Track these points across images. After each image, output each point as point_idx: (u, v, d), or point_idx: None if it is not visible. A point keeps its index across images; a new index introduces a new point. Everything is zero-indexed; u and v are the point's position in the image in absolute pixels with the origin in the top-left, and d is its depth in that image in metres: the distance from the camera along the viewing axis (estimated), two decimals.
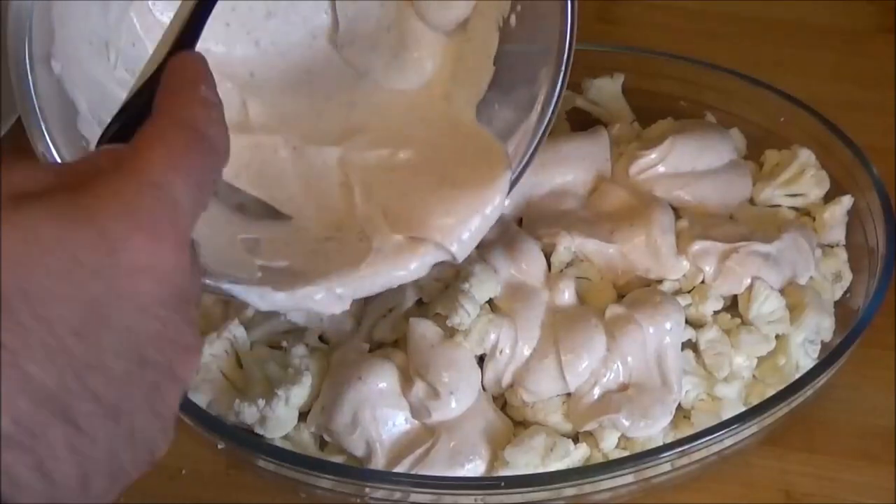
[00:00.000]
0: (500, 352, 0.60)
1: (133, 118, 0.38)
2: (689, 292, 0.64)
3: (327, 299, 0.53)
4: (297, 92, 0.61)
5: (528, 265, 0.63)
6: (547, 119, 0.57)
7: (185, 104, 0.36)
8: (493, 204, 0.55)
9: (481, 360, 0.61)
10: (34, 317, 0.30)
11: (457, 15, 0.61)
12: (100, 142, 0.40)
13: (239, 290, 0.52)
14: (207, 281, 0.51)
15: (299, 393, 0.60)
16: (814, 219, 0.69)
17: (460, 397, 0.59)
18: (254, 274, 0.54)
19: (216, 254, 0.52)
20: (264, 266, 0.54)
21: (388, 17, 0.61)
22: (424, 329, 0.61)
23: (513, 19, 0.59)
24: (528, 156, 0.57)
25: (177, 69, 0.38)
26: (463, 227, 0.54)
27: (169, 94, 0.37)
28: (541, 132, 0.57)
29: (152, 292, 0.33)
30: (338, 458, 0.60)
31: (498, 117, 0.60)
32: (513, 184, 0.56)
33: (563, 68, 0.57)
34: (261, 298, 0.52)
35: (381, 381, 0.59)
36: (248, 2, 0.60)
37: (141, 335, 0.32)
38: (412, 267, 0.54)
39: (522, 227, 0.67)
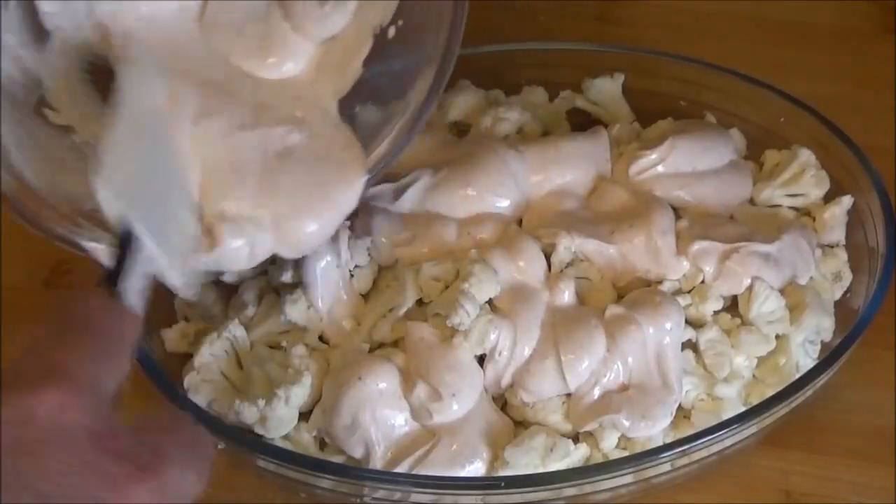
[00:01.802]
0: (500, 353, 0.60)
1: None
2: (689, 292, 0.64)
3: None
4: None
5: (528, 265, 0.63)
6: (413, 127, 0.58)
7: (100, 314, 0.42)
8: (344, 207, 0.57)
9: (481, 359, 0.61)
10: None
11: (330, 31, 0.61)
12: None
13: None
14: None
15: (299, 393, 0.60)
16: (814, 219, 0.69)
17: (462, 399, 0.59)
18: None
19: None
20: None
21: (258, 11, 0.61)
22: (422, 332, 0.61)
23: (391, 31, 0.60)
24: (386, 161, 0.59)
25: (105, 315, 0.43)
26: (311, 226, 0.56)
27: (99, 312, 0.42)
28: (403, 138, 0.59)
29: (37, 437, 0.36)
30: (338, 459, 0.60)
31: (367, 115, 0.61)
32: (369, 183, 0.58)
33: (437, 88, 0.58)
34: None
35: (381, 381, 0.59)
36: None
37: (39, 475, 0.35)
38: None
39: (522, 227, 0.67)
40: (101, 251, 0.55)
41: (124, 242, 0.48)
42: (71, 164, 0.58)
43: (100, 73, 0.60)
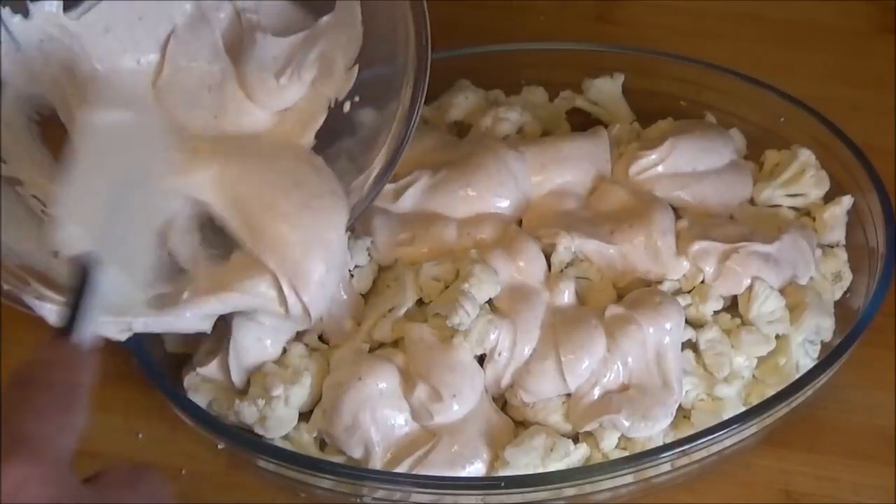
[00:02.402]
0: (500, 353, 0.60)
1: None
2: (689, 292, 0.64)
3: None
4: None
5: (528, 265, 0.63)
6: (387, 169, 0.60)
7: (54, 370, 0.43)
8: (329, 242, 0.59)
9: (481, 359, 0.61)
10: None
11: (286, 103, 0.63)
12: None
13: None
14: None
15: (299, 393, 0.60)
16: (814, 219, 0.69)
17: (463, 400, 0.59)
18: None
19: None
20: None
21: (213, 79, 0.63)
22: (422, 332, 0.61)
23: (346, 106, 0.62)
24: (369, 199, 0.60)
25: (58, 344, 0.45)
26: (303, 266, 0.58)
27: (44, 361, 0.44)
28: (378, 185, 0.60)
29: None
30: (338, 459, 0.60)
31: (343, 153, 0.62)
32: (350, 220, 0.59)
33: (396, 156, 0.60)
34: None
35: (381, 381, 0.59)
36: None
37: None
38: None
39: (522, 227, 0.67)
40: (47, 309, 0.56)
41: (82, 279, 0.48)
42: (18, 217, 0.59)
43: (47, 126, 0.61)
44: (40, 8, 0.60)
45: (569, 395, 0.60)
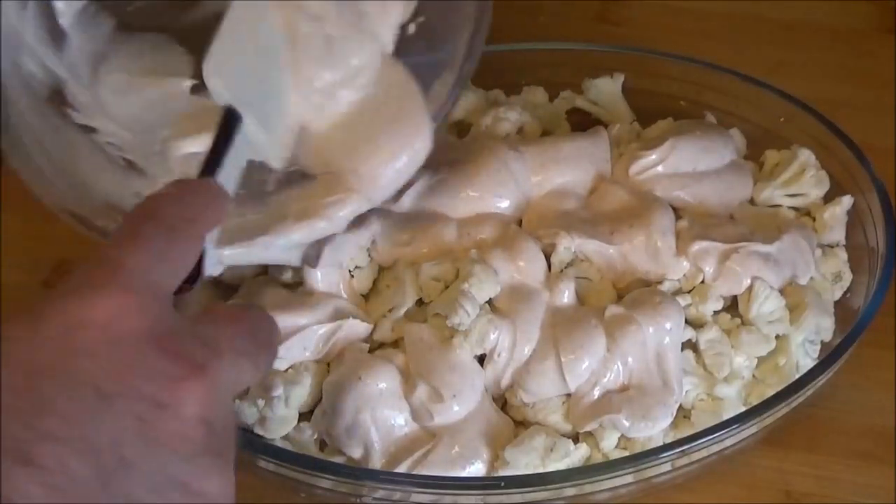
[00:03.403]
0: (499, 353, 0.60)
1: None
2: (689, 292, 0.64)
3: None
4: None
5: (528, 265, 0.63)
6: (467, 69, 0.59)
7: (170, 206, 0.42)
8: (415, 151, 0.57)
9: (481, 360, 0.61)
10: None
11: None
12: None
13: None
14: None
15: (299, 393, 0.60)
16: (814, 219, 0.69)
17: (463, 400, 0.59)
18: None
19: None
20: None
21: None
22: (422, 332, 0.61)
23: (412, 27, 0.61)
24: (449, 104, 0.59)
25: (192, 190, 0.44)
26: (383, 174, 0.57)
27: (165, 196, 0.42)
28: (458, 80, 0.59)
29: (92, 339, 0.36)
30: (338, 459, 0.60)
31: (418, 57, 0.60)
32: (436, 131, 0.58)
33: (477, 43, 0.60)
34: None
35: (381, 381, 0.59)
36: None
37: (93, 375, 0.35)
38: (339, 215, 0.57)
39: (522, 227, 0.67)
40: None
41: (226, 123, 0.50)
42: (98, 163, 0.58)
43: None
44: None
45: (569, 395, 0.60)
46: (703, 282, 0.64)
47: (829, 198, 0.70)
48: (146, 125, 0.62)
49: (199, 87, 0.62)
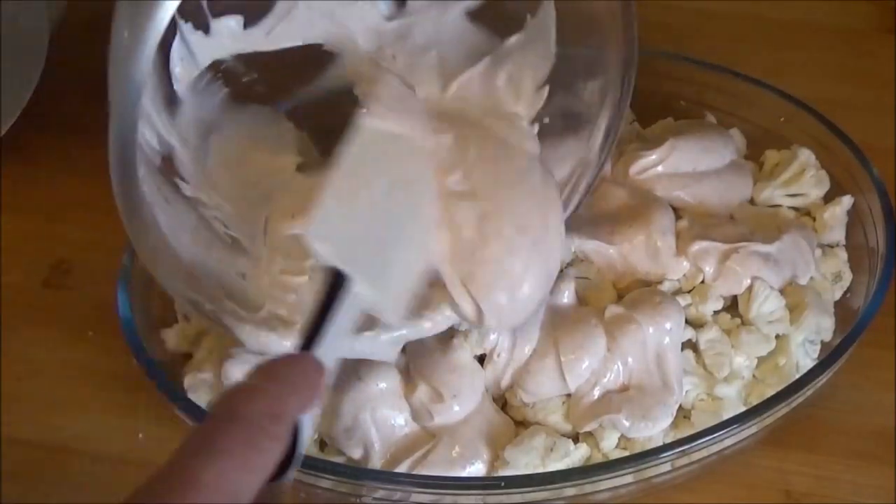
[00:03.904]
0: (499, 353, 0.60)
1: None
2: (689, 292, 0.64)
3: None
4: None
5: None
6: (604, 155, 0.59)
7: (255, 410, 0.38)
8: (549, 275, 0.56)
9: (481, 360, 0.61)
10: None
11: None
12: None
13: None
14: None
15: None
16: (814, 219, 0.69)
17: (463, 401, 0.59)
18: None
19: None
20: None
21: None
22: None
23: (535, 128, 0.60)
24: (581, 194, 0.59)
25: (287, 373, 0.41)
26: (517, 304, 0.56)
27: (251, 396, 0.39)
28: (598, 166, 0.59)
29: None
30: (338, 459, 0.60)
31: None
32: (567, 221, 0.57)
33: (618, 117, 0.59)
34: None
35: (381, 381, 0.59)
36: None
37: None
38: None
39: None
40: (246, 331, 0.54)
41: (331, 286, 0.46)
42: (206, 239, 0.57)
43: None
44: (222, 25, 0.57)
45: (569, 395, 0.60)
46: (703, 282, 0.64)
47: (829, 198, 0.70)
48: (251, 201, 0.60)
49: (305, 166, 0.62)
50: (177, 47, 0.56)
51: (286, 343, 0.55)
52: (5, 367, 0.69)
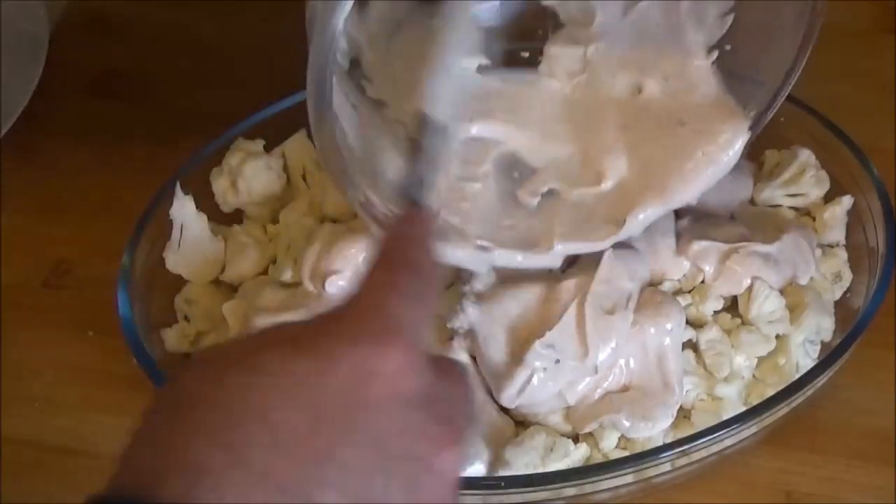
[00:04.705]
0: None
1: None
2: (689, 292, 0.64)
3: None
4: None
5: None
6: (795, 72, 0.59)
7: (410, 249, 0.40)
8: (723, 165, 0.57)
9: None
10: (273, 422, 0.33)
11: None
12: None
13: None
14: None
15: None
16: (814, 219, 0.69)
17: None
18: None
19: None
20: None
21: None
22: None
23: (714, 54, 0.60)
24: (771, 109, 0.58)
25: (408, 221, 0.42)
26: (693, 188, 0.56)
27: (397, 240, 0.40)
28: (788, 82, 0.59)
29: (381, 393, 0.34)
30: None
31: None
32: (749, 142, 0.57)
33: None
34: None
35: None
36: None
37: (378, 431, 0.34)
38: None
39: None
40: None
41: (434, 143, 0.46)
42: (381, 143, 0.57)
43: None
44: None
45: None
46: (703, 282, 0.64)
47: (829, 198, 0.69)
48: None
49: (487, 68, 0.62)
50: None
51: (458, 253, 0.55)
52: (5, 367, 0.69)
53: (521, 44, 0.63)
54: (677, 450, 0.57)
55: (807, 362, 0.63)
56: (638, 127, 0.57)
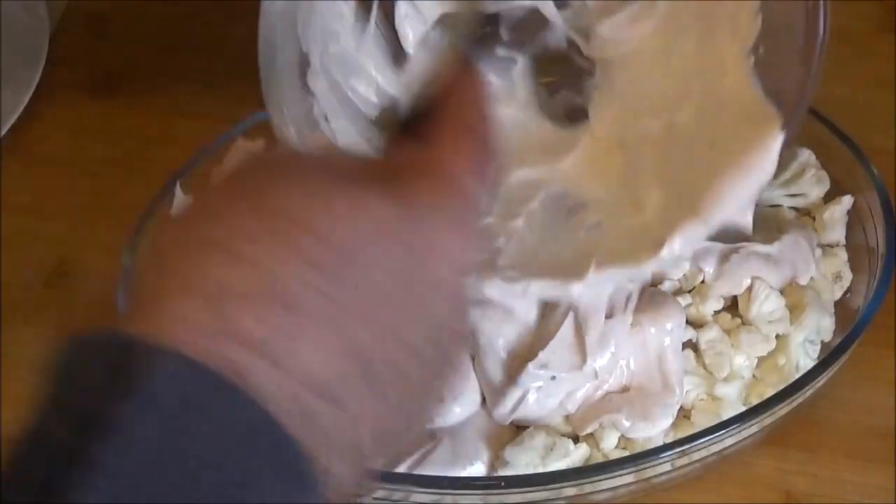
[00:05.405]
0: None
1: (417, 118, 0.43)
2: (689, 292, 0.64)
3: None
4: None
5: None
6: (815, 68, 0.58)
7: (473, 115, 0.40)
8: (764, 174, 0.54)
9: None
10: (358, 279, 0.32)
11: None
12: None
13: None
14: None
15: None
16: (814, 219, 0.69)
17: (464, 402, 0.59)
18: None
19: None
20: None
21: None
22: None
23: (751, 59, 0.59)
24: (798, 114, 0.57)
25: (464, 84, 0.43)
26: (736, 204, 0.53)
27: (459, 105, 0.40)
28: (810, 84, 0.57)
29: (448, 280, 0.35)
30: None
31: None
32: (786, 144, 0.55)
33: None
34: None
35: None
36: None
37: (435, 316, 0.34)
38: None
39: None
40: None
41: None
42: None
43: None
44: None
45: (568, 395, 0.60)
46: (703, 282, 0.64)
47: (829, 198, 0.69)
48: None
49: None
50: (402, 6, 0.55)
51: (485, 289, 0.54)
52: (5, 367, 0.69)
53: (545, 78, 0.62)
54: (677, 450, 0.57)
55: (807, 362, 0.63)
56: (670, 159, 0.56)
